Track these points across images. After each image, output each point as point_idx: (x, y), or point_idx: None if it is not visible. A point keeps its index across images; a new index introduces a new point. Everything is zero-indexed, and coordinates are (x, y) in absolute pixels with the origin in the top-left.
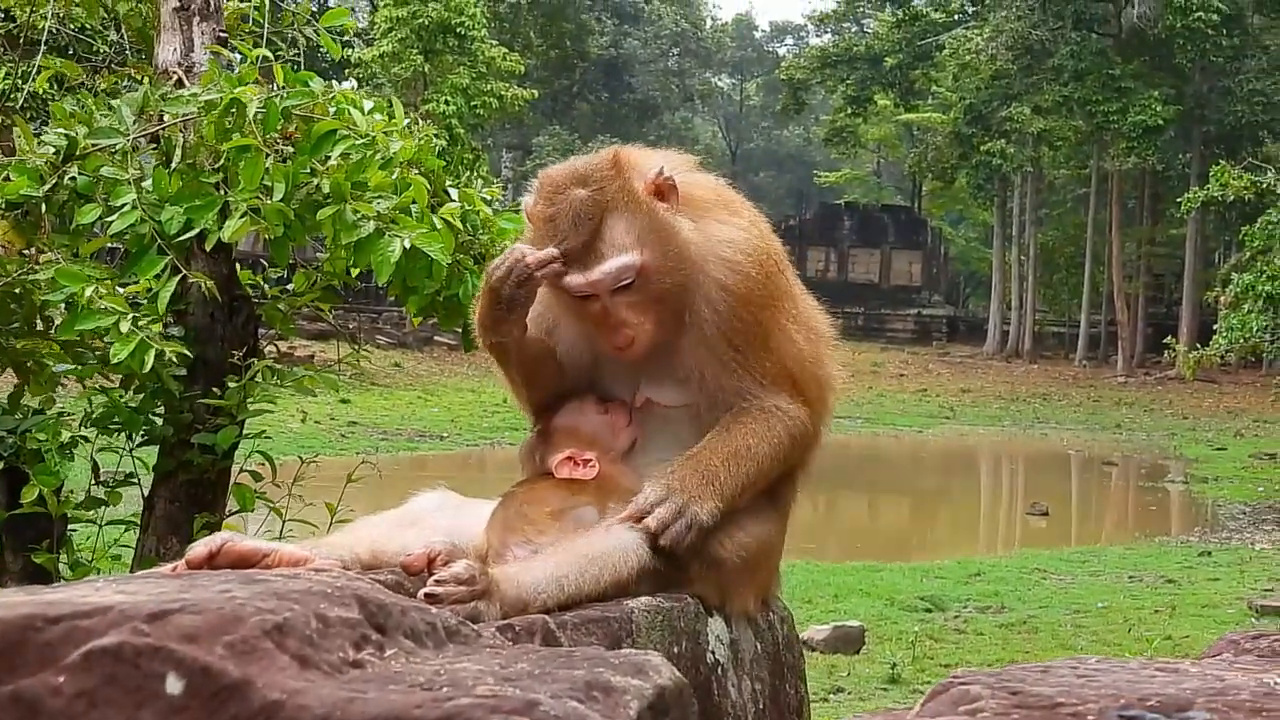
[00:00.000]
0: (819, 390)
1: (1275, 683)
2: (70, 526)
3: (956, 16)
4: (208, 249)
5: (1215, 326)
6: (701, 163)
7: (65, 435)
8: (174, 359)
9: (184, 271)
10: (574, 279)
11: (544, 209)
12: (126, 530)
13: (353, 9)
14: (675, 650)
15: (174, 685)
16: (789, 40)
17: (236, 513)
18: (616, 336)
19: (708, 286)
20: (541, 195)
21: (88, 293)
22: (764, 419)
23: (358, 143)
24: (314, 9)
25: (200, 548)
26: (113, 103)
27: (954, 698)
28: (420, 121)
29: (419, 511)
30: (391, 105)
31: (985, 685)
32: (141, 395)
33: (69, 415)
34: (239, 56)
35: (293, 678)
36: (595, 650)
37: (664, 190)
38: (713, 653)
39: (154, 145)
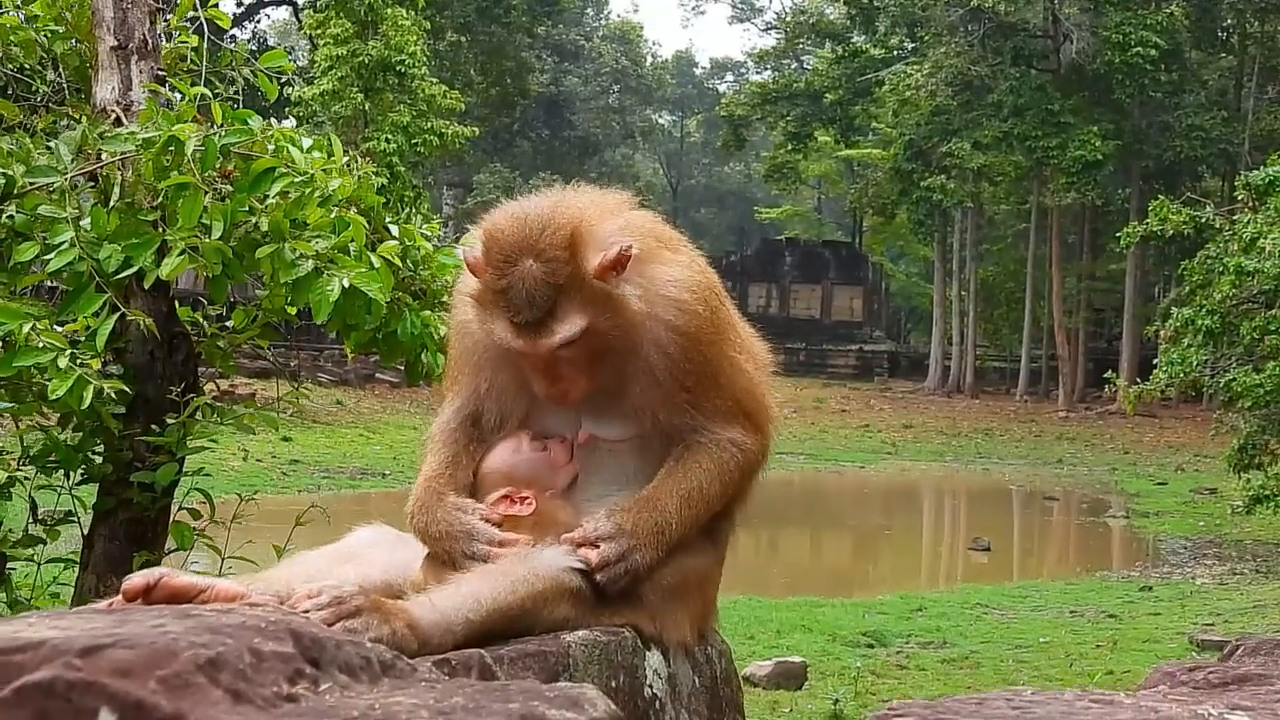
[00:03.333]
0: (766, 417)
1: (1209, 714)
2: (9, 565)
3: (896, 53)
4: (146, 287)
5: (1155, 361)
6: (642, 200)
7: (2, 475)
8: (113, 396)
9: (122, 309)
10: (522, 345)
11: (494, 279)
12: (66, 568)
13: (291, 48)
14: (613, 684)
15: None
16: (729, 77)
17: (175, 551)
18: (554, 388)
19: (655, 330)
20: (491, 262)
21: (26, 330)
22: (718, 454)
23: (296, 180)
24: (252, 49)
25: (137, 579)
26: (51, 142)
27: None
28: (359, 159)
29: (356, 546)
30: (330, 143)
31: (920, 717)
32: (80, 433)
33: (7, 454)
34: (177, 95)
35: (226, 712)
36: (531, 684)
37: (621, 263)
38: (650, 686)
39: (92, 183)
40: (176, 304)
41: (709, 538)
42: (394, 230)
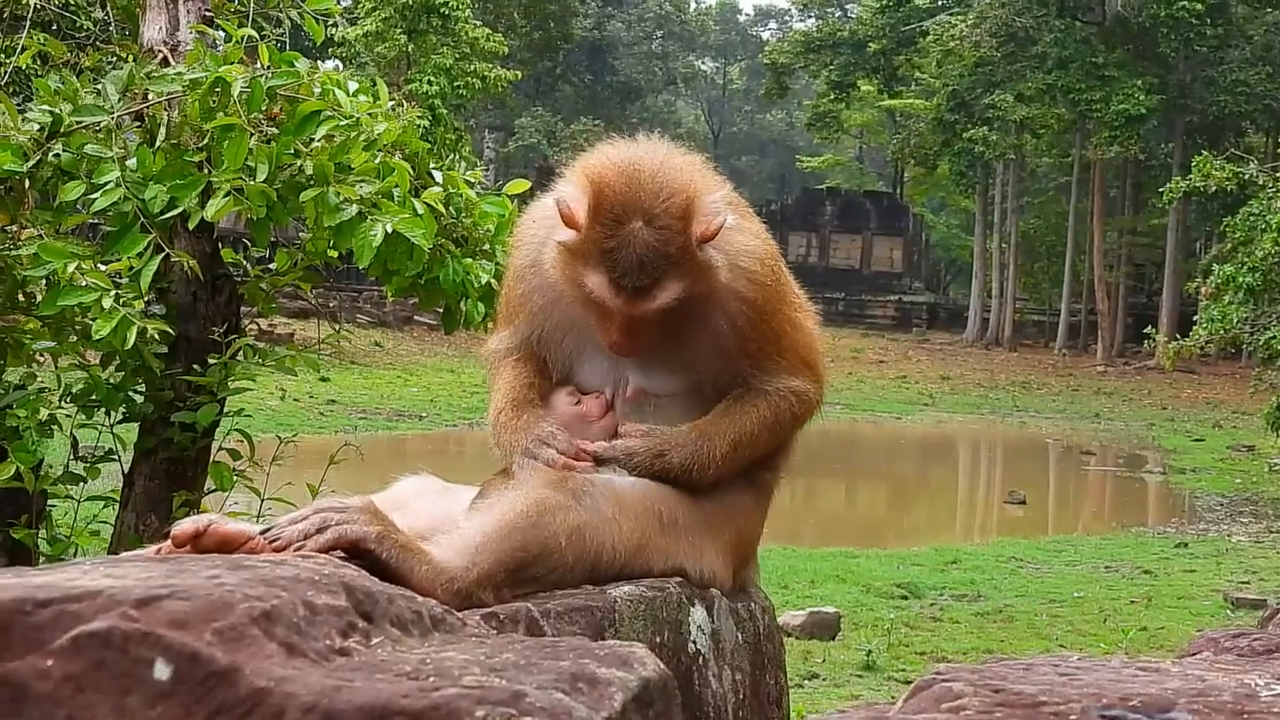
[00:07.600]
0: (822, 366)
1: (1256, 684)
2: (50, 502)
3: (940, 2)
4: (190, 227)
5: (1195, 317)
6: (684, 147)
7: (44, 413)
8: (156, 336)
9: (166, 250)
10: (620, 305)
11: (601, 235)
12: (106, 506)
13: None
14: (658, 640)
15: (162, 671)
16: (773, 24)
17: (214, 491)
18: (626, 342)
19: (726, 299)
20: (600, 218)
21: (70, 269)
22: (776, 402)
23: (342, 124)
24: None
25: (186, 525)
26: (98, 81)
27: (936, 695)
28: (405, 103)
29: (403, 495)
30: (376, 86)
31: (968, 683)
32: (122, 373)
33: (49, 392)
34: (224, 36)
35: (280, 665)
36: (580, 641)
37: (717, 233)
38: (694, 643)
39: (138, 123)
40: (220, 245)
41: (751, 485)
42: (438, 176)
